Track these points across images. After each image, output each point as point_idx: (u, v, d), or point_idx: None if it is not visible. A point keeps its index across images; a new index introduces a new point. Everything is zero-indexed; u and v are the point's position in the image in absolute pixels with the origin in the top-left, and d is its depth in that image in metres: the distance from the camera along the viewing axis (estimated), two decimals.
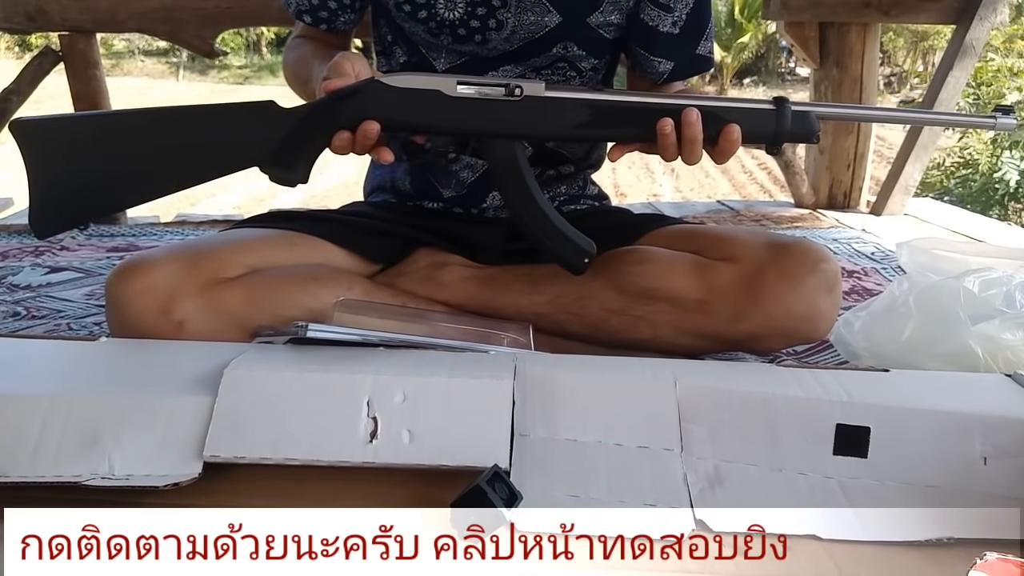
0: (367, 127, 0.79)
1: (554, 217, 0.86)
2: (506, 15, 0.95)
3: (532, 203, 0.85)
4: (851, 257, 1.81)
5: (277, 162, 0.81)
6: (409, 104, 0.80)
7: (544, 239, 0.87)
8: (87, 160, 0.78)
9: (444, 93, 0.80)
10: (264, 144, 0.80)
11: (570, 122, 0.82)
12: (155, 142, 0.79)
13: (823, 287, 0.91)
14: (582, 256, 0.87)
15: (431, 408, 0.65)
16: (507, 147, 0.84)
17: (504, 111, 0.81)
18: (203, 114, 0.81)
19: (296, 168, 0.82)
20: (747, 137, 0.82)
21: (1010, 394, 0.73)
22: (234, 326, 0.87)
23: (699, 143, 0.81)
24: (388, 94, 0.80)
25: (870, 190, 2.48)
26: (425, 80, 0.81)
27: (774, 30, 8.77)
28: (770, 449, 0.67)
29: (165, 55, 18.03)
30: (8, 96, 2.20)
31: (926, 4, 2.26)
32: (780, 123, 0.82)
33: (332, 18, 1.03)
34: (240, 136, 0.81)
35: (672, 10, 0.98)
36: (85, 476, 0.61)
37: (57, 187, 0.78)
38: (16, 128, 0.76)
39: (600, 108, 0.82)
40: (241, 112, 0.81)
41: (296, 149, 0.81)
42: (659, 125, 0.81)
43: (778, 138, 0.83)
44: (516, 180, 0.84)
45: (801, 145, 2.47)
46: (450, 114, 0.81)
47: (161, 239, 1.98)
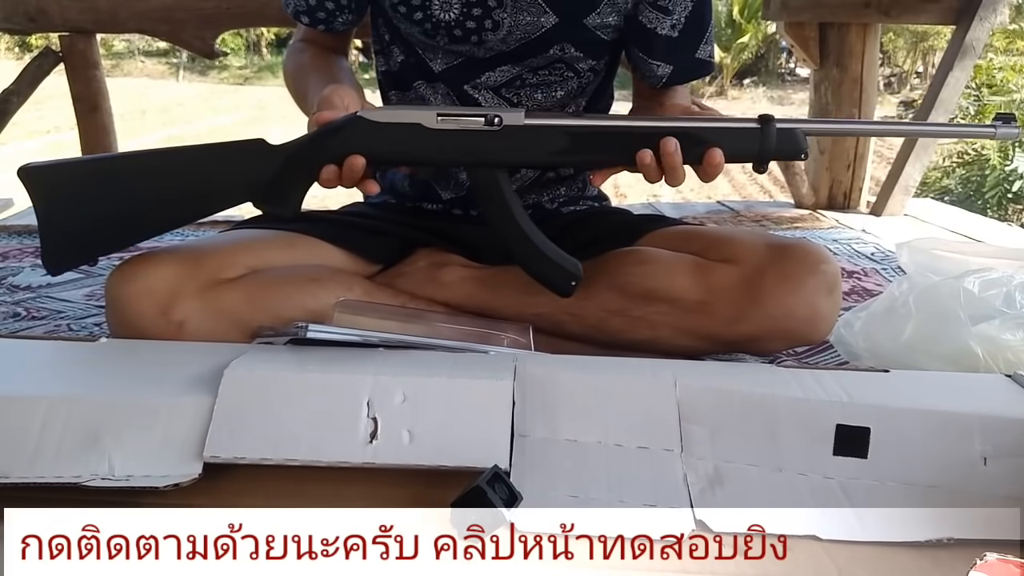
0: (352, 162, 0.81)
1: (538, 240, 0.86)
2: (502, 15, 0.94)
3: (516, 227, 0.85)
4: (851, 257, 1.81)
5: (269, 198, 0.84)
6: (391, 138, 0.82)
7: (529, 262, 0.87)
8: (92, 201, 0.82)
9: (424, 126, 0.82)
10: (256, 181, 0.83)
11: (549, 150, 0.83)
12: (155, 182, 0.83)
13: (823, 288, 0.91)
14: (568, 279, 0.87)
15: (431, 408, 0.65)
16: (488, 175, 0.84)
17: (484, 141, 0.82)
18: (197, 155, 0.84)
19: (287, 202, 0.85)
20: (731, 157, 0.81)
21: (1010, 394, 0.73)
22: (234, 327, 0.87)
23: (680, 169, 0.81)
24: (371, 129, 0.81)
25: (870, 190, 2.48)
26: (407, 114, 0.83)
27: (774, 30, 8.77)
28: (770, 449, 0.67)
29: (165, 55, 18.03)
30: (8, 96, 2.21)
31: (926, 4, 2.26)
32: (765, 142, 0.81)
33: (330, 19, 1.02)
34: (234, 174, 0.84)
35: (671, 13, 0.98)
36: (85, 476, 0.61)
37: (66, 227, 0.81)
38: (24, 175, 0.80)
39: (579, 135, 0.82)
40: (233, 152, 0.84)
41: (286, 184, 0.84)
42: (638, 157, 0.81)
43: (763, 157, 0.82)
44: (499, 206, 0.85)
45: None
46: (432, 146, 0.82)
47: (161, 239, 1.97)
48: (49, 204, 0.81)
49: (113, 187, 0.82)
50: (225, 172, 0.84)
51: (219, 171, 0.84)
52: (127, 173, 0.84)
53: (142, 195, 0.82)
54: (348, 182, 0.83)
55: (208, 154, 0.84)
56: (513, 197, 0.86)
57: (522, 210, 0.86)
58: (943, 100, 2.23)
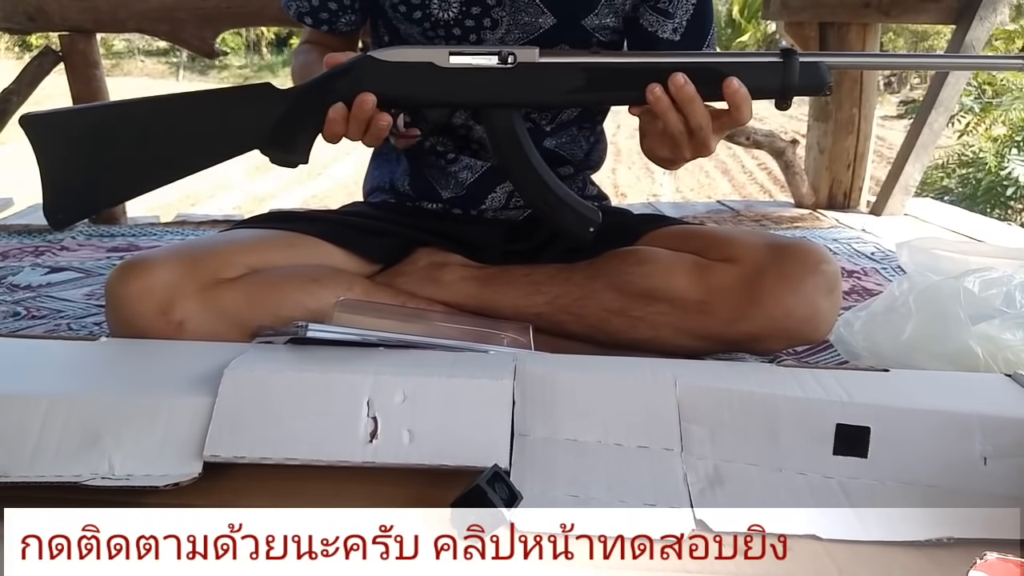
0: (363, 99, 0.79)
1: (556, 186, 0.85)
2: (500, 14, 0.94)
3: (533, 172, 0.83)
4: (851, 257, 1.81)
5: (276, 143, 0.82)
6: (402, 78, 0.80)
7: (546, 209, 0.85)
8: (95, 150, 0.80)
9: (436, 65, 0.80)
10: (262, 126, 0.81)
11: (564, 88, 0.80)
12: (159, 130, 0.81)
13: (823, 288, 0.91)
14: (587, 225, 0.85)
15: (431, 408, 0.65)
16: (504, 116, 0.82)
17: (498, 79, 0.80)
18: (203, 100, 0.82)
19: (295, 149, 0.83)
20: (752, 91, 0.78)
21: (1010, 394, 0.73)
22: (234, 327, 0.87)
23: (697, 102, 0.78)
24: (381, 69, 0.80)
25: (870, 190, 2.48)
26: (418, 53, 0.81)
27: (774, 30, 8.77)
28: (770, 449, 0.67)
29: (165, 55, 18.04)
30: (8, 96, 2.20)
31: (926, 4, 2.26)
32: (788, 75, 0.78)
33: (333, 19, 1.02)
34: (239, 120, 0.82)
35: (672, 16, 0.97)
36: (85, 476, 0.61)
37: (68, 178, 0.80)
38: (27, 123, 0.79)
39: (595, 71, 0.80)
40: (239, 96, 0.82)
41: (293, 129, 0.82)
42: (648, 91, 0.78)
43: (786, 91, 0.79)
44: (515, 150, 0.83)
45: (801, 145, 2.47)
46: (444, 85, 0.80)
47: (161, 239, 1.98)
48: (52, 153, 0.79)
49: (116, 135, 0.81)
50: (232, 116, 0.82)
51: (226, 116, 0.82)
52: (132, 119, 0.82)
53: (147, 143, 0.81)
54: (357, 125, 0.80)
55: (215, 98, 0.83)
56: (528, 142, 0.84)
57: (538, 156, 0.85)
58: (943, 100, 2.24)
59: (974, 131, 5.96)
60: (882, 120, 7.76)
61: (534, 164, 0.83)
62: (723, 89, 0.77)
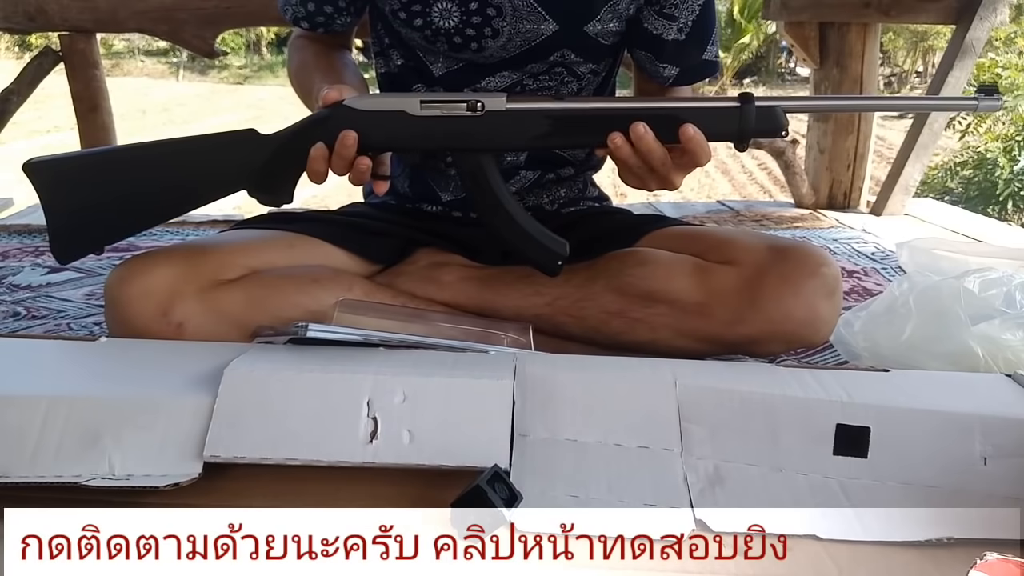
0: (345, 135, 0.81)
1: (524, 221, 0.87)
2: (502, 24, 0.94)
3: (501, 210, 0.87)
4: (851, 257, 1.81)
5: (262, 186, 0.86)
6: (377, 125, 0.83)
7: (515, 242, 0.88)
8: (94, 193, 0.84)
9: (409, 113, 0.83)
10: (249, 170, 0.86)
11: (530, 133, 0.84)
12: (153, 173, 0.86)
13: (823, 291, 0.90)
14: (554, 259, 0.88)
15: (431, 408, 0.65)
16: (473, 159, 0.85)
17: (467, 126, 0.83)
18: (193, 146, 0.87)
19: (279, 191, 0.86)
20: (710, 135, 0.81)
21: (1010, 394, 0.73)
22: (234, 327, 0.87)
23: (655, 149, 0.80)
24: (356, 117, 0.83)
25: (870, 190, 2.48)
26: (391, 102, 0.84)
27: (774, 30, 8.77)
28: (770, 449, 0.67)
29: (165, 55, 18.04)
30: (8, 96, 2.20)
31: (926, 4, 2.26)
32: (744, 120, 0.81)
33: (329, 22, 1.02)
34: (226, 164, 0.86)
35: (676, 19, 0.97)
36: (85, 476, 0.61)
37: (71, 219, 0.84)
38: (29, 170, 0.83)
39: (559, 119, 0.83)
40: (224, 143, 0.86)
41: (278, 173, 0.86)
42: (609, 140, 0.81)
43: (743, 135, 0.82)
44: (484, 189, 0.86)
45: (801, 145, 2.47)
46: (416, 132, 0.84)
47: (161, 239, 1.97)
48: (54, 197, 0.84)
49: (112, 179, 0.85)
50: (217, 162, 0.86)
51: (211, 162, 0.86)
52: (124, 165, 0.87)
53: (140, 186, 0.85)
54: (341, 161, 0.83)
55: (200, 145, 0.87)
56: (497, 181, 0.87)
57: (508, 193, 0.87)
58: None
59: (975, 131, 5.96)
60: (882, 120, 7.75)
61: (502, 201, 0.87)
62: (680, 135, 0.80)
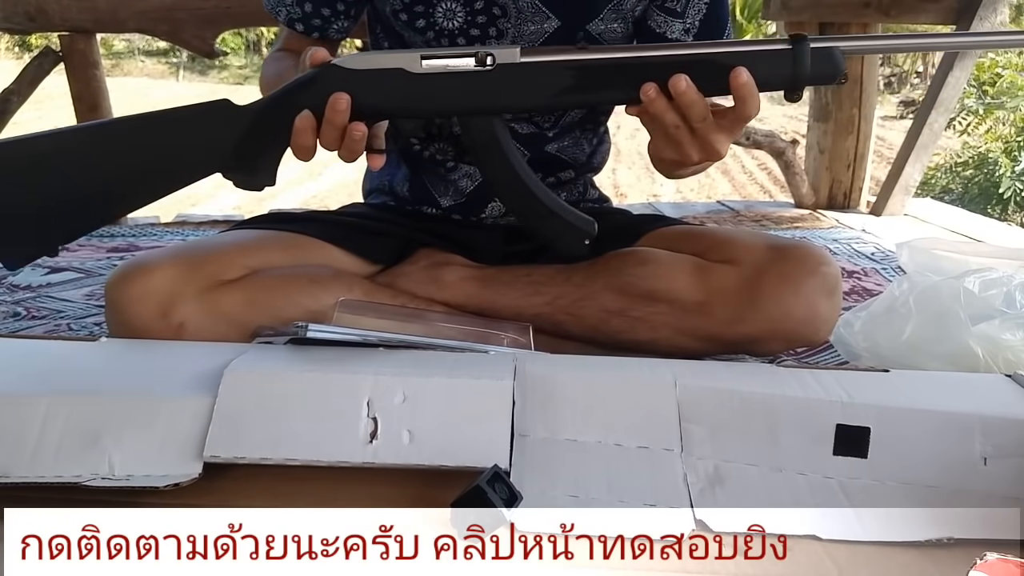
0: (336, 98, 0.71)
1: (546, 198, 0.78)
2: (506, 24, 0.94)
3: (520, 184, 0.77)
4: (851, 257, 1.81)
5: (238, 166, 0.76)
6: (371, 86, 0.72)
7: (536, 222, 0.79)
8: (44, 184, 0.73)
9: (407, 71, 0.72)
10: (222, 148, 0.75)
11: (551, 88, 0.73)
12: (112, 157, 0.75)
13: (823, 290, 0.90)
14: (581, 237, 0.79)
15: (431, 408, 0.65)
16: (484, 124, 0.75)
17: (476, 84, 0.73)
18: (155, 122, 0.76)
19: (259, 170, 0.76)
20: (761, 82, 0.71)
21: (1010, 394, 0.73)
22: (234, 328, 0.87)
23: (698, 106, 0.71)
24: (348, 77, 0.72)
25: (870, 190, 2.48)
26: (387, 58, 0.73)
27: (774, 30, 8.76)
28: (770, 449, 0.67)
29: (165, 55, 18.03)
30: (8, 96, 2.20)
31: (926, 4, 2.26)
32: (799, 64, 0.71)
33: (325, 26, 0.99)
34: (198, 141, 0.75)
35: (682, 16, 0.96)
36: (85, 476, 0.61)
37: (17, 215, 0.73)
38: None
39: (583, 70, 0.72)
40: (195, 115, 0.75)
41: (256, 148, 0.75)
42: (642, 91, 0.70)
43: (798, 81, 0.71)
44: (499, 160, 0.76)
45: (801, 145, 2.47)
46: (416, 93, 0.73)
47: (161, 239, 1.98)
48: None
49: (64, 166, 0.74)
50: (187, 139, 0.75)
51: (181, 140, 0.75)
52: (78, 149, 0.75)
53: (100, 172, 0.74)
54: (332, 129, 0.73)
55: (167, 121, 0.75)
56: (513, 150, 0.77)
57: (524, 164, 0.78)
58: (943, 100, 2.23)
59: (974, 131, 5.96)
60: (882, 120, 7.76)
61: (520, 175, 0.77)
62: (731, 82, 0.70)
